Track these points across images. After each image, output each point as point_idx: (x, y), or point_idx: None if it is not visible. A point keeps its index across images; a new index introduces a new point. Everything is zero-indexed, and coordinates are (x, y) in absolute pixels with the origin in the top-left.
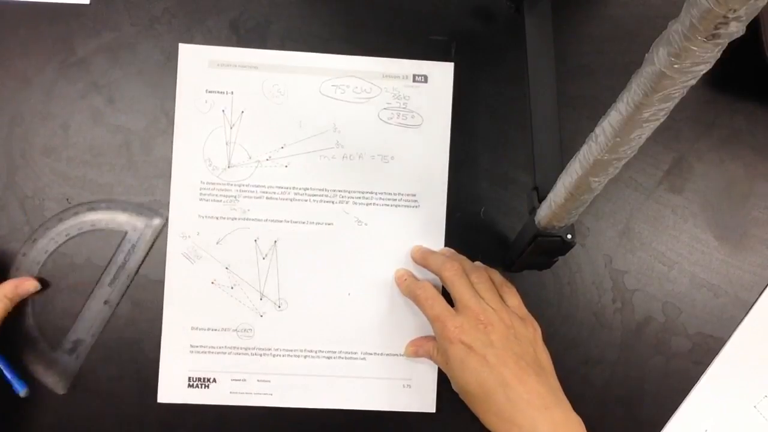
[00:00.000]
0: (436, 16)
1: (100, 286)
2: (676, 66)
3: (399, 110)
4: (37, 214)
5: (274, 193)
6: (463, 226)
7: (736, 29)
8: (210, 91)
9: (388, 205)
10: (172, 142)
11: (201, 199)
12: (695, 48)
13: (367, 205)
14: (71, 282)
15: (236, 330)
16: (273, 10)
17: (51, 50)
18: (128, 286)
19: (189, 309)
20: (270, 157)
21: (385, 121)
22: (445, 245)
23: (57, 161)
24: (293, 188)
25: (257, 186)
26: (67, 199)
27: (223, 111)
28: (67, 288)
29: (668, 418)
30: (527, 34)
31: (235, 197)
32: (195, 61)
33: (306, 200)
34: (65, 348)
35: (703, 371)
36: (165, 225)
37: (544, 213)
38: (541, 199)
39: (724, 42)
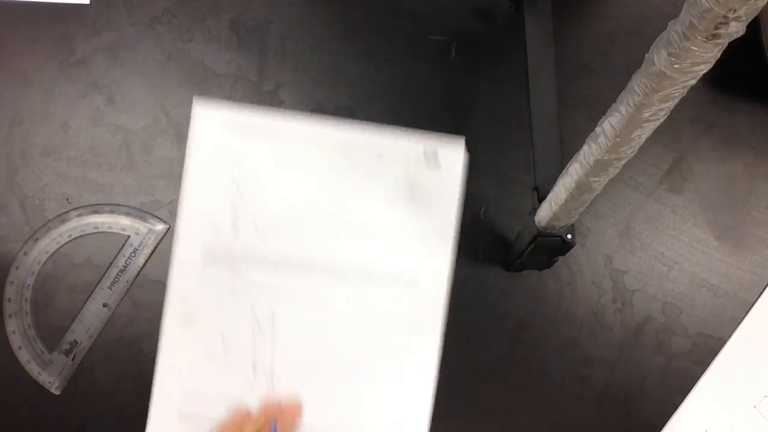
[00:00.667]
0: (436, 16)
1: (99, 289)
2: (676, 66)
3: (407, 187)
4: (37, 214)
5: (276, 264)
6: (463, 226)
7: (736, 29)
8: (222, 154)
9: (388, 285)
10: (171, 142)
11: (203, 264)
12: (695, 48)
13: (367, 282)
14: (71, 283)
15: (226, 399)
16: (273, 10)
17: (51, 50)
18: (128, 290)
19: (182, 374)
20: (275, 227)
21: (393, 198)
22: None
23: (57, 161)
24: (296, 260)
25: (260, 255)
26: (67, 199)
27: (233, 176)
28: (67, 289)
29: (668, 418)
30: (527, 34)
31: (237, 264)
32: (209, 120)
33: (307, 274)
34: (62, 349)
35: (703, 371)
36: (168, 230)
37: (544, 213)
38: (541, 199)
39: (724, 42)
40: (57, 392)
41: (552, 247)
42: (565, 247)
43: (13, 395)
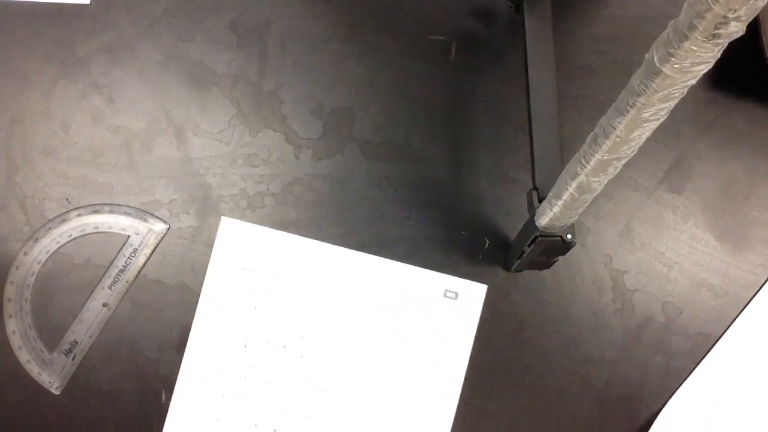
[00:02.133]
0: (436, 16)
1: (99, 289)
2: (676, 66)
3: (423, 322)
4: (37, 214)
5: (283, 381)
6: (463, 227)
7: (736, 29)
8: (243, 269)
9: (391, 414)
10: (171, 142)
11: (212, 375)
12: (695, 48)
13: (373, 411)
14: (71, 283)
15: None
16: (273, 10)
17: (51, 50)
18: (128, 290)
19: None
20: (286, 345)
21: (408, 330)
22: (445, 250)
23: (57, 161)
24: (304, 380)
25: (269, 371)
26: (67, 199)
27: (251, 290)
28: (67, 289)
29: None
30: (527, 34)
31: (245, 378)
32: (233, 236)
33: (314, 394)
34: (62, 349)
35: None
36: (168, 230)
37: (544, 213)
38: (541, 199)
39: (724, 42)
40: (57, 392)
41: (552, 247)
42: (565, 247)
43: (13, 395)
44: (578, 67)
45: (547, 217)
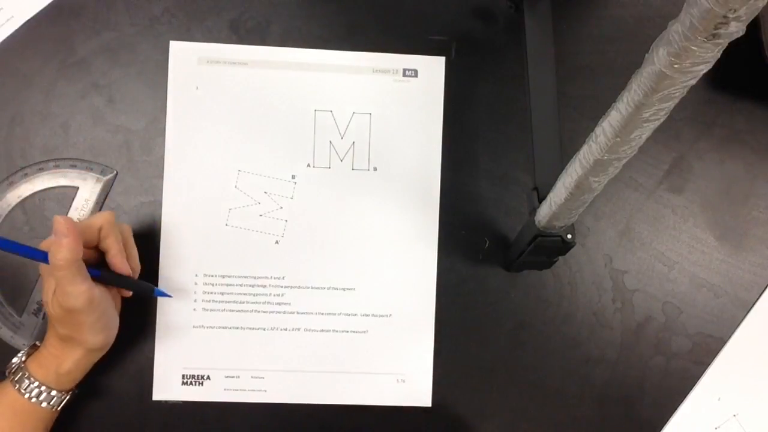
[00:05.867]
0: (436, 16)
1: None
2: (676, 66)
3: (389, 106)
4: (37, 214)
5: (262, 183)
6: (463, 226)
7: (736, 29)
8: (199, 88)
9: (380, 210)
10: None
11: (189, 191)
12: (695, 48)
13: (359, 215)
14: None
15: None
16: (273, 10)
17: (51, 50)
18: None
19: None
20: (264, 141)
21: (375, 118)
22: (445, 250)
23: None
24: (279, 178)
25: (245, 178)
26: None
27: (213, 107)
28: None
29: (668, 418)
30: (527, 34)
31: (223, 187)
32: (185, 58)
33: (293, 198)
34: (30, 310)
35: (703, 371)
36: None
37: (544, 213)
38: (541, 199)
39: (724, 42)
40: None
41: (552, 247)
42: (565, 247)
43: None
44: (578, 67)
45: (547, 217)
